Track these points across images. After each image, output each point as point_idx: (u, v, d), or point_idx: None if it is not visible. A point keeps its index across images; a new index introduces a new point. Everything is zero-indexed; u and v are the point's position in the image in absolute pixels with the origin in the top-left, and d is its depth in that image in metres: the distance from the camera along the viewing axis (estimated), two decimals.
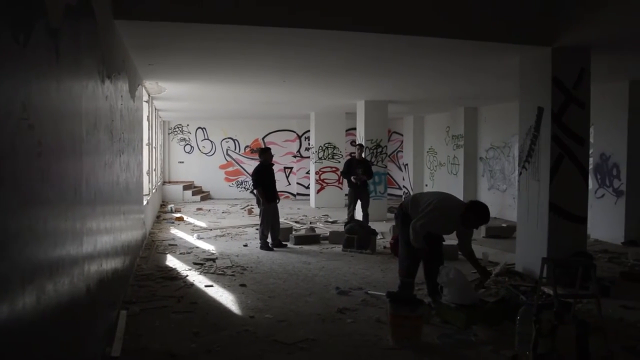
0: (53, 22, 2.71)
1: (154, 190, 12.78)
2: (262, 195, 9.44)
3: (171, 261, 8.41)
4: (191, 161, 20.17)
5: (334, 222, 13.07)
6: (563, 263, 6.03)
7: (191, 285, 6.93)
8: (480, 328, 5.12)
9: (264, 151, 9.91)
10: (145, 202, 9.97)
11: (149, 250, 9.21)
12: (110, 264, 4.91)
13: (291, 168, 20.13)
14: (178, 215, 14.19)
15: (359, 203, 11.47)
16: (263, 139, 20.03)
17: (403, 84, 10.74)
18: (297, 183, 20.06)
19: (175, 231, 11.62)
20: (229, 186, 20.17)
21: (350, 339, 4.93)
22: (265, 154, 9.79)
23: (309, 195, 18.41)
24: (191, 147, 20.18)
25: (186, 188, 18.94)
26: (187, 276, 7.38)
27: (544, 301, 5.15)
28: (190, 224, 12.93)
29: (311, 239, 10.17)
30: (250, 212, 14.87)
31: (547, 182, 6.90)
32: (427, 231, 5.67)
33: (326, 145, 17.01)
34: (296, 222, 13.08)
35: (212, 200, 19.29)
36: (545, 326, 4.06)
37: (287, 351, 4.63)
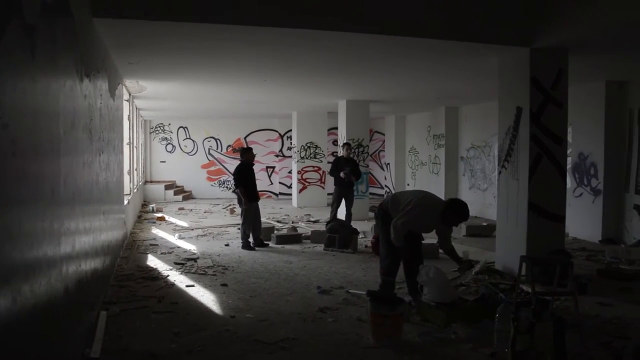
0: (29, 19, 2.68)
1: (135, 190, 12.68)
2: (244, 195, 9.42)
3: (152, 261, 8.35)
4: (173, 161, 20.03)
5: (315, 222, 13.08)
6: (541, 261, 6.10)
7: (172, 285, 6.90)
8: (460, 326, 5.16)
9: (246, 151, 9.89)
10: (126, 202, 9.89)
11: (130, 251, 9.14)
12: (89, 265, 4.87)
13: (273, 167, 20.10)
14: (160, 215, 14.09)
15: (343, 202, 11.49)
16: (245, 138, 19.97)
17: (384, 83, 10.78)
18: (280, 182, 20.03)
19: (156, 231, 11.54)
20: (211, 186, 20.08)
21: (331, 338, 4.95)
22: (247, 154, 9.77)
23: (291, 194, 18.40)
24: (173, 146, 20.05)
25: (168, 188, 18.81)
26: (168, 276, 7.34)
27: (523, 299, 5.21)
28: (171, 223, 12.86)
29: (293, 238, 10.17)
30: (232, 211, 14.82)
31: (526, 181, 6.97)
32: (408, 229, 5.71)
33: (308, 145, 17.01)
34: (278, 221, 13.06)
35: (194, 199, 19.18)
36: (523, 324, 4.11)
37: (268, 351, 4.63)
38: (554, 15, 6.30)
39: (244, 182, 9.48)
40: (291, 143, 18.48)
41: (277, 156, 20.08)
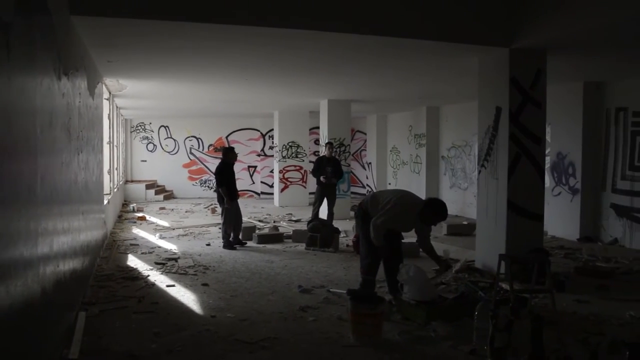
0: (3, 16, 2.64)
1: (115, 190, 12.56)
2: (226, 194, 9.38)
3: (132, 261, 8.28)
4: (154, 160, 19.85)
5: (297, 221, 13.07)
6: (520, 259, 6.17)
7: (152, 285, 6.85)
8: (440, 324, 5.20)
9: (229, 150, 9.85)
10: (106, 202, 9.79)
11: (110, 251, 9.05)
12: (68, 265, 4.82)
13: (255, 167, 20.04)
14: (140, 214, 13.96)
15: (325, 202, 11.49)
16: (227, 137, 19.88)
17: (366, 83, 10.80)
18: (261, 182, 19.97)
19: (137, 231, 11.44)
20: (193, 185, 19.96)
21: (312, 337, 4.96)
22: (230, 154, 9.72)
23: (272, 194, 18.37)
24: (154, 145, 19.88)
25: (149, 187, 18.65)
26: (149, 276, 7.28)
27: (501, 297, 5.27)
28: (152, 223, 12.76)
29: (274, 237, 10.16)
30: (214, 211, 14.75)
31: (505, 181, 7.04)
32: (388, 228, 5.74)
33: (290, 144, 17.00)
34: (260, 220, 13.04)
35: (176, 199, 19.05)
36: (501, 321, 4.17)
37: (249, 350, 4.62)
38: (533, 16, 6.38)
39: (227, 181, 9.46)
40: (273, 142, 18.45)
41: (258, 155, 20.02)
